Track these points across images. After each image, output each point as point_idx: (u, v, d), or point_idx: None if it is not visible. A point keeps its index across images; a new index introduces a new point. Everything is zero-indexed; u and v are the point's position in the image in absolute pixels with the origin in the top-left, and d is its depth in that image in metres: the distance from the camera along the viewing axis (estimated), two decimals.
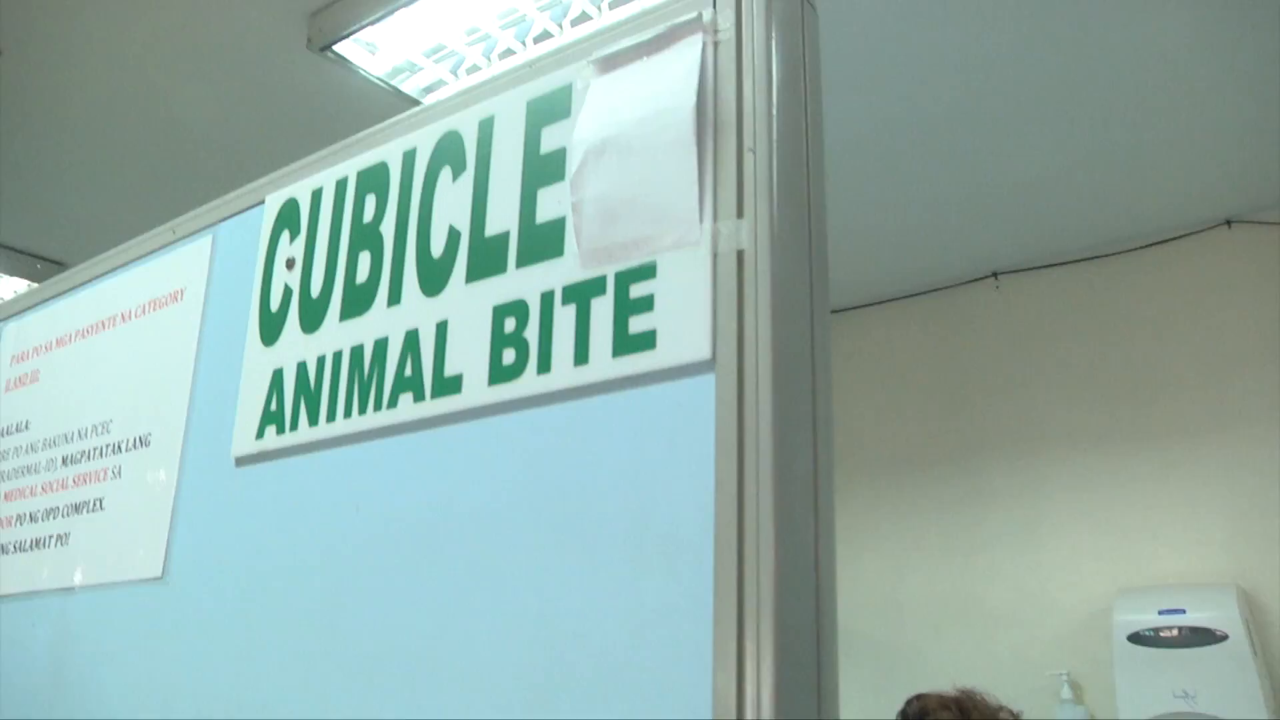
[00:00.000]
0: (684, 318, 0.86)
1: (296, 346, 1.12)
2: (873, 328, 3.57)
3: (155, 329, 1.30)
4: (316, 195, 1.17)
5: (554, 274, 0.94)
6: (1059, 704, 2.98)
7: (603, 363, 0.89)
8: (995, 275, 3.34)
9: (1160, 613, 2.87)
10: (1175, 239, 3.14)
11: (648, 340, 0.87)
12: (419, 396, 1.00)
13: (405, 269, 1.06)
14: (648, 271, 0.89)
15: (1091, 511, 3.10)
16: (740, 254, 0.85)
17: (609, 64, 0.97)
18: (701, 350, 0.84)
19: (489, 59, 2.46)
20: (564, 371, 0.91)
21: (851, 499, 3.47)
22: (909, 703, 1.77)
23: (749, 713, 0.77)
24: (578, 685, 0.85)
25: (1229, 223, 3.08)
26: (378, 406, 1.03)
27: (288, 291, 1.15)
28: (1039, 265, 3.29)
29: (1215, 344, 3.04)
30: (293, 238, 1.17)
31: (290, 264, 1.16)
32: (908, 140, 2.70)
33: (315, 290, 1.13)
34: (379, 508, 1.02)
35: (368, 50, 2.47)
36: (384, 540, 1.01)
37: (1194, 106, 2.58)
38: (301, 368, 1.11)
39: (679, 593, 0.82)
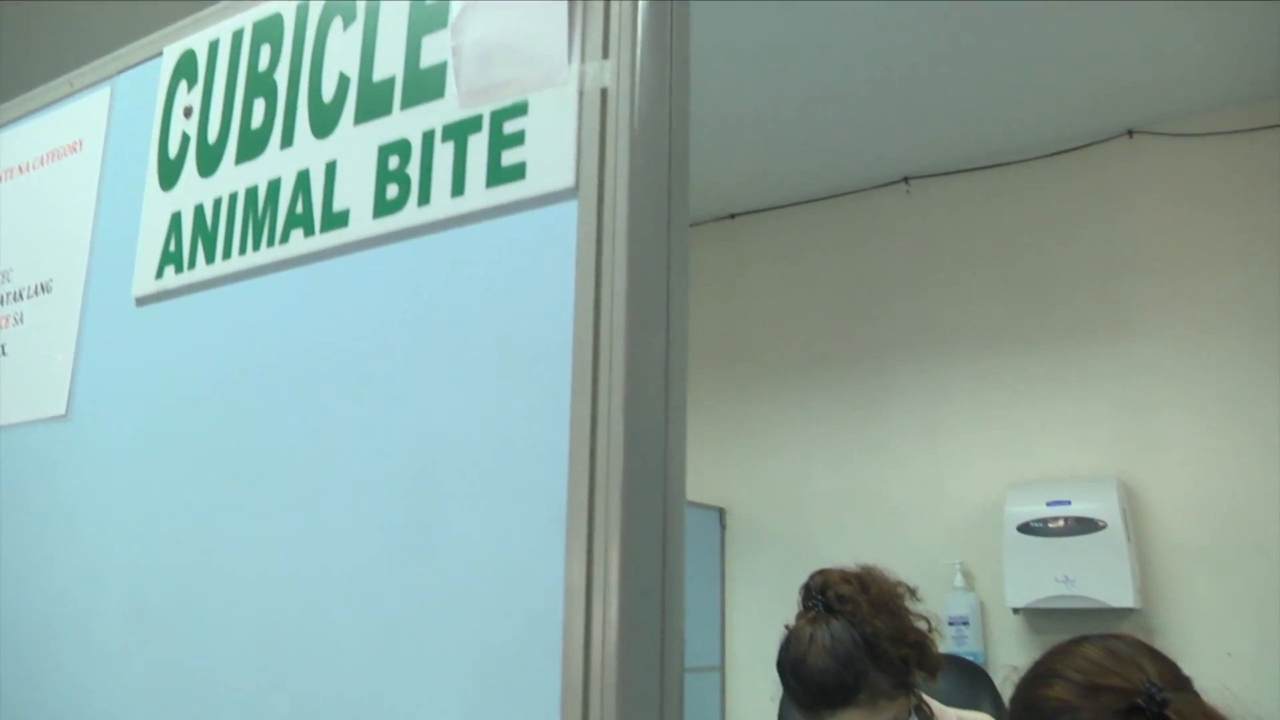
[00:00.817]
0: (551, 150, 0.95)
1: (194, 190, 1.19)
2: (785, 229, 3.69)
3: (54, 179, 1.35)
4: (214, 46, 1.23)
5: (435, 114, 1.02)
6: (952, 591, 3.18)
7: (477, 193, 0.98)
8: (906, 180, 3.47)
9: (1048, 504, 3.07)
10: (1079, 148, 3.28)
11: (518, 171, 0.96)
12: (309, 231, 1.08)
13: (298, 113, 1.12)
14: (520, 109, 0.97)
15: (988, 409, 3.28)
16: (604, 91, 0.94)
17: None
18: (566, 179, 0.93)
19: None
20: (442, 203, 1.00)
21: (760, 397, 3.62)
22: (812, 577, 1.86)
23: (600, 502, 0.88)
24: (451, 486, 0.95)
25: (1130, 133, 3.23)
26: (270, 242, 1.10)
27: (185, 138, 1.21)
28: (949, 171, 3.42)
29: (1112, 251, 3.21)
30: (190, 87, 1.23)
31: (188, 112, 1.22)
32: (820, 44, 2.79)
33: (212, 136, 1.19)
34: (272, 338, 1.10)
35: None
36: (277, 368, 1.09)
37: (1098, 20, 2.70)
38: (199, 210, 1.17)
39: (540, 399, 0.92)
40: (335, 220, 1.06)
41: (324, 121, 1.10)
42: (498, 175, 0.97)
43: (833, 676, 1.68)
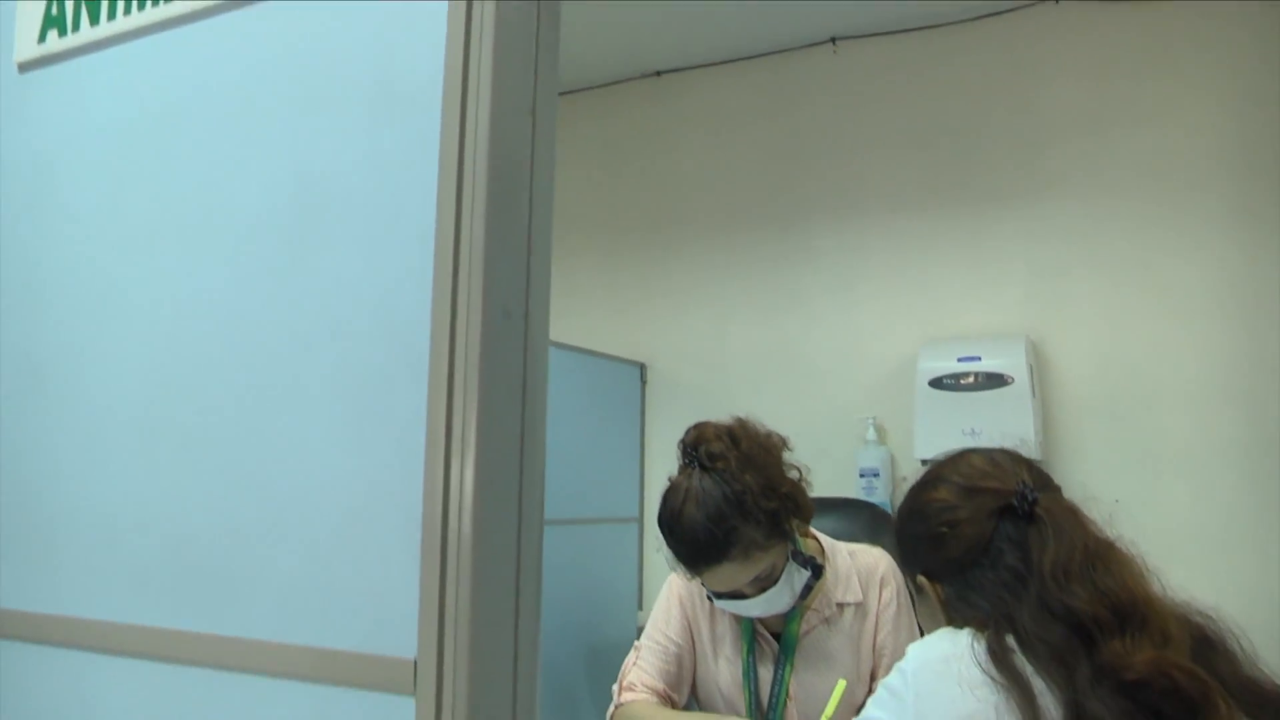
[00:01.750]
0: None
1: None
2: (711, 88, 3.70)
3: None
4: None
5: None
6: (864, 445, 3.32)
7: None
8: (833, 40, 3.49)
9: (959, 360, 3.18)
10: (1004, 13, 3.33)
11: None
12: None
13: None
14: None
15: (905, 270, 3.38)
16: None
17: None
18: None
19: None
20: None
21: (681, 254, 3.69)
22: (688, 431, 1.88)
23: (466, 231, 0.93)
24: (327, 223, 1.01)
25: None
26: (155, 1, 1.12)
27: None
28: (876, 33, 3.45)
29: (1032, 116, 3.28)
30: None
31: None
32: None
33: None
34: (156, 96, 1.13)
35: None
36: (161, 124, 1.13)
37: None
38: None
39: (410, 141, 0.97)
40: None
41: None
42: None
43: (705, 534, 1.73)
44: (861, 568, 1.92)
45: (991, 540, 1.23)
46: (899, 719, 1.10)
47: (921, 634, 1.70)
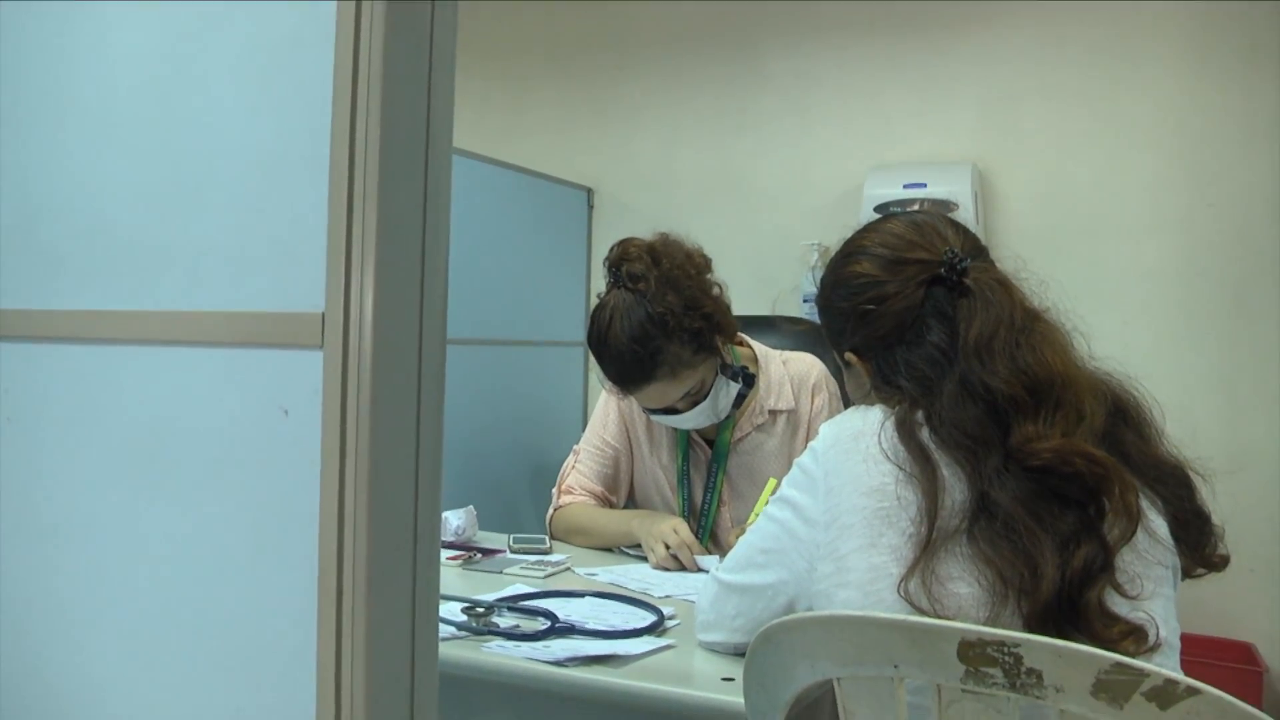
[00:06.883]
0: None
1: None
2: None
3: None
4: None
5: None
6: (809, 271, 3.40)
7: None
8: None
9: (905, 186, 3.24)
10: None
11: None
12: None
13: None
14: None
15: (856, 95, 3.40)
16: None
17: None
18: None
19: None
20: None
21: (629, 78, 3.67)
22: (612, 248, 1.93)
23: None
24: None
25: None
26: None
27: None
28: None
29: None
30: None
31: None
32: None
33: None
34: None
35: None
36: None
37: None
38: None
39: None
40: None
41: None
42: None
43: (630, 355, 1.80)
44: (795, 375, 2.01)
45: (919, 314, 1.20)
46: (811, 496, 1.16)
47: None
